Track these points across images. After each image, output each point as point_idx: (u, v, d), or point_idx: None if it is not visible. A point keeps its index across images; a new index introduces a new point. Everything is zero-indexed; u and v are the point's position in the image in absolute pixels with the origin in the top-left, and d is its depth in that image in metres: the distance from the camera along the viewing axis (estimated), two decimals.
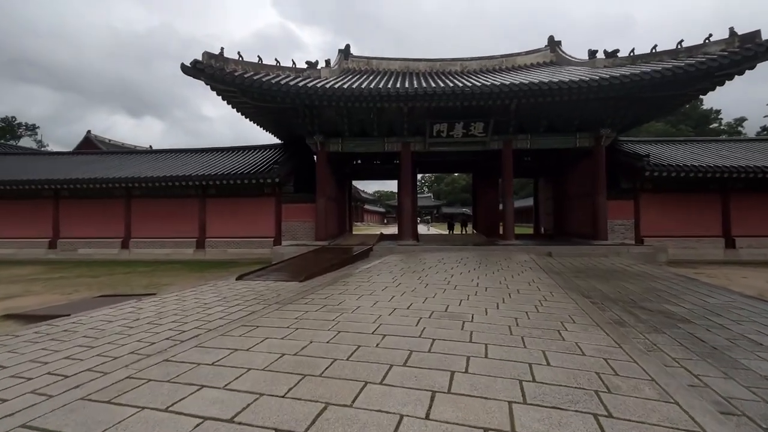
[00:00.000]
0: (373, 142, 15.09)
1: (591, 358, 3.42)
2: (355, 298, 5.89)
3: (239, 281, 8.67)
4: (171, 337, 4.54)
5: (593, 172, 14.57)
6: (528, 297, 5.97)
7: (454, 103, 12.79)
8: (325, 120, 14.62)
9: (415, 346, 3.68)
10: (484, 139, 14.26)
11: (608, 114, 13.60)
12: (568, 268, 10.06)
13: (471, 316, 4.78)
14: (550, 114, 13.88)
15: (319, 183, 14.92)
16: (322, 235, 14.86)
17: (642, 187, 15.10)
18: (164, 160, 19.28)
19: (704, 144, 18.48)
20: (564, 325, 4.44)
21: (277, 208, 16.09)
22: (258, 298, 6.69)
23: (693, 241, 14.93)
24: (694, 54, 12.19)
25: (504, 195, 14.76)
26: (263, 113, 14.96)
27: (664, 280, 8.40)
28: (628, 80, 11.48)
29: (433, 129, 14.04)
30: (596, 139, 14.23)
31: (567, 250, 12.84)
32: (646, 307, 5.93)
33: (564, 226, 17.66)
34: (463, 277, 7.81)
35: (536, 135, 14.50)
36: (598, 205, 14.18)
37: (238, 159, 18.14)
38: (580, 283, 7.86)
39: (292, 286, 7.85)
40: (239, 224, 16.36)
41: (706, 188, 15.02)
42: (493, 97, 12.28)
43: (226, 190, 16.34)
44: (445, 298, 5.89)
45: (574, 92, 11.95)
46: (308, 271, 9.24)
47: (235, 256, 15.98)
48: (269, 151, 18.99)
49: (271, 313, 5.05)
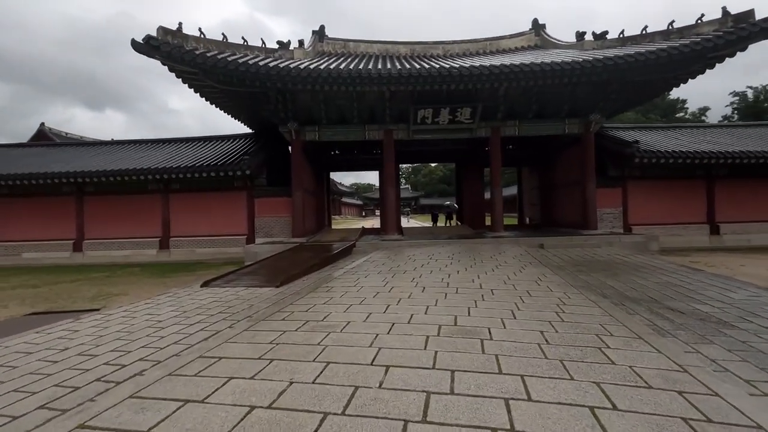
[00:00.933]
0: (353, 130, 14.00)
1: (662, 392, 2.62)
2: (343, 310, 4.93)
3: (205, 288, 7.52)
4: (102, 378, 3.45)
5: (582, 159, 14.07)
6: (543, 301, 5.18)
7: (440, 87, 11.88)
8: (300, 106, 13.40)
9: (432, 384, 2.77)
10: (471, 125, 13.46)
11: (598, 98, 13.05)
12: (566, 261, 9.45)
13: (488, 331, 3.92)
14: (539, 99, 13.21)
15: (295, 174, 13.74)
16: (299, 232, 13.74)
17: (630, 175, 14.77)
18: (122, 152, 17.48)
19: (684, 130, 18.45)
20: (602, 340, 3.65)
21: (250, 202, 14.80)
22: (225, 311, 5.61)
23: (680, 228, 14.77)
24: (686, 35, 11.75)
25: (492, 185, 14.06)
26: (231, 99, 13.58)
27: (670, 272, 7.87)
28: (622, 61, 10.90)
29: (418, 115, 13.10)
30: (585, 125, 13.70)
31: (559, 241, 12.29)
32: (672, 307, 5.27)
33: (551, 215, 17.23)
34: (461, 276, 6.98)
35: (525, 121, 13.82)
36: (588, 193, 13.72)
37: (205, 150, 16.64)
38: (587, 279, 7.19)
39: (267, 293, 6.80)
40: (207, 221, 14.98)
41: (691, 175, 14.85)
42: (482, 80, 11.44)
43: (191, 184, 14.88)
44: (449, 305, 5.02)
45: (567, 74, 11.27)
46: (285, 274, 8.18)
47: (203, 256, 14.62)
48: (239, 141, 17.55)
49: (240, 336, 4.02)
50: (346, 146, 18.49)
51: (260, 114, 14.53)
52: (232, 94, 12.91)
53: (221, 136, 18.14)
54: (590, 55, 11.61)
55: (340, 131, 14.01)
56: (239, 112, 15.69)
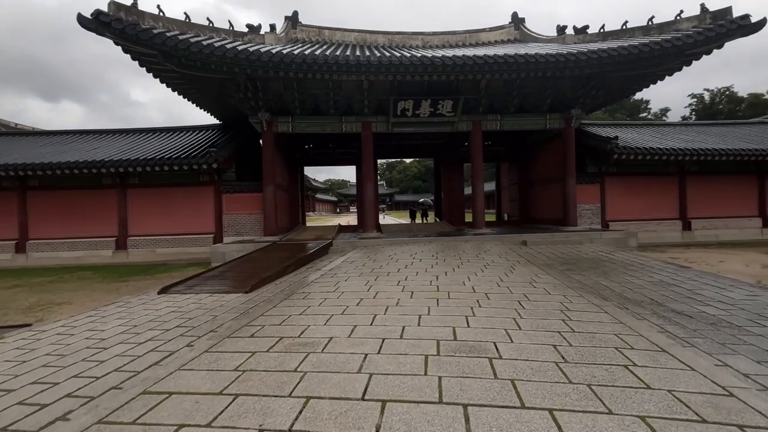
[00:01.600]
0: (329, 122, 13.22)
1: (721, 429, 2.16)
2: (323, 322, 4.28)
3: (163, 295, 6.63)
4: (9, 428, 2.65)
5: (562, 155, 13.94)
6: (544, 306, 4.73)
7: (421, 77, 11.33)
8: (272, 95, 12.49)
9: (444, 428, 2.19)
10: (452, 119, 13.00)
11: (580, 93, 12.90)
12: (552, 258, 9.16)
13: (494, 347, 3.39)
14: (521, 93, 12.91)
15: (266, 168, 12.82)
16: (272, 230, 12.86)
17: (607, 171, 14.82)
18: (74, 143, 15.90)
19: (656, 128, 18.84)
20: (625, 355, 3.19)
21: (217, 198, 13.75)
22: (184, 325, 4.81)
23: (654, 224, 14.98)
24: (665, 30, 11.74)
25: (474, 180, 13.69)
26: (195, 86, 12.50)
27: (658, 270, 7.69)
28: (606, 55, 10.71)
29: (398, 107, 12.49)
30: (567, 120, 13.55)
31: (541, 238, 12.07)
32: (677, 310, 4.95)
33: (530, 212, 17.13)
34: (450, 278, 6.46)
35: (507, 115, 13.51)
36: (568, 189, 13.60)
37: (169, 142, 15.38)
38: (580, 279, 6.86)
39: (235, 301, 6.02)
40: (170, 219, 13.80)
41: (665, 171, 15.08)
42: (466, 71, 10.98)
43: (152, 179, 13.66)
44: (443, 313, 4.46)
45: (551, 66, 11.00)
46: (256, 277, 7.40)
47: (166, 257, 13.46)
48: (207, 132, 16.37)
49: (199, 360, 3.30)
50: (321, 139, 17.69)
51: (229, 103, 13.45)
52: (197, 80, 11.85)
53: (187, 127, 16.88)
54: (573, 49, 11.39)
55: (315, 123, 13.20)
56: (205, 102, 14.59)
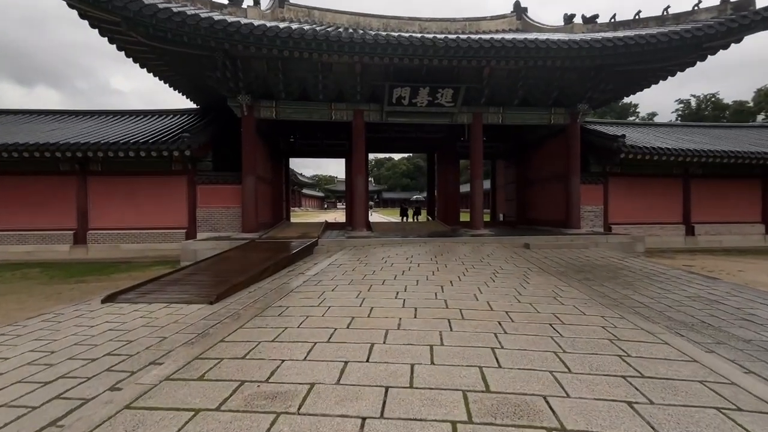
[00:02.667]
0: (317, 109, 12.04)
1: None
2: (302, 355, 3.18)
3: (107, 305, 5.41)
4: None
5: (565, 153, 13.12)
6: (586, 333, 3.73)
7: (420, 61, 10.27)
8: (254, 76, 11.24)
9: None
10: (452, 109, 11.98)
11: (588, 87, 12.04)
12: (562, 264, 8.25)
13: (546, 405, 2.35)
14: (526, 84, 11.97)
15: (247, 157, 11.57)
16: (251, 225, 11.63)
17: (611, 171, 14.06)
18: (29, 124, 14.29)
19: (657, 128, 18.26)
20: (738, 423, 2.21)
21: (191, 190, 12.42)
22: (116, 353, 3.64)
23: (657, 228, 14.32)
24: (682, 21, 10.96)
25: (472, 177, 12.72)
26: (168, 63, 11.14)
27: (688, 282, 6.84)
28: (622, 44, 9.85)
29: (393, 94, 11.40)
30: (572, 116, 12.71)
31: (544, 241, 11.19)
32: (744, 337, 4.03)
33: (528, 212, 16.29)
34: (457, 290, 5.43)
35: (509, 108, 12.57)
36: (572, 189, 12.78)
37: (138, 125, 13.93)
38: (605, 291, 5.93)
39: (194, 315, 4.85)
40: (138, 211, 12.41)
41: (670, 173, 14.42)
42: (470, 55, 9.97)
43: (117, 166, 12.24)
44: (461, 344, 3.41)
45: (562, 54, 10.12)
46: (226, 283, 6.23)
47: (130, 253, 12.08)
48: (182, 117, 14.97)
49: (115, 422, 2.17)
50: (308, 129, 16.41)
51: (207, 85, 12.11)
52: (170, 57, 10.53)
53: (160, 111, 15.41)
54: (587, 37, 10.50)
55: (301, 109, 11.99)
56: (182, 83, 13.22)
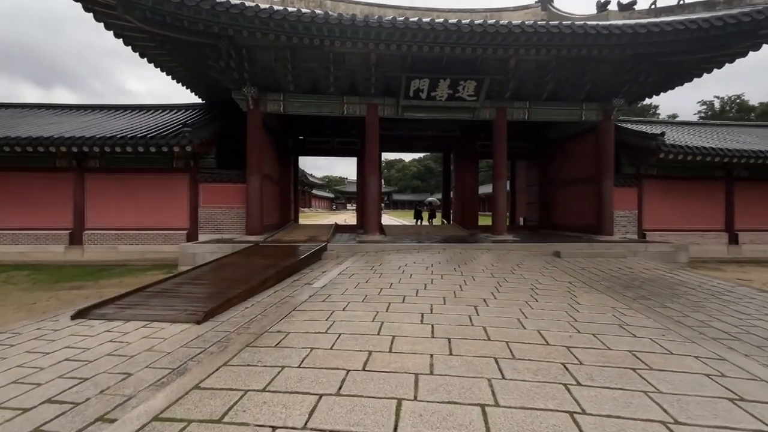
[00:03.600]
0: (328, 102, 11.16)
1: None
2: (303, 413, 2.25)
3: (76, 323, 4.57)
4: None
5: (596, 152, 12.03)
6: (689, 383, 2.72)
7: (441, 50, 9.32)
8: (261, 67, 10.42)
9: None
10: (474, 104, 11.00)
11: (624, 80, 10.94)
12: (606, 278, 7.20)
13: None
14: (555, 77, 10.90)
15: (252, 154, 10.76)
16: (255, 227, 10.79)
17: (645, 173, 12.91)
18: (27, 118, 13.71)
19: (690, 127, 16.99)
20: None
21: (193, 188, 11.66)
22: (59, 401, 2.75)
23: (697, 235, 13.10)
24: (735, 5, 9.82)
25: (495, 178, 11.70)
26: (171, 52, 10.35)
27: (765, 302, 5.76)
28: (670, 29, 8.76)
29: (410, 87, 10.47)
30: (606, 112, 11.61)
31: (577, 249, 10.13)
32: None
33: (551, 217, 15.17)
34: (495, 313, 4.45)
35: (536, 103, 11.53)
36: (604, 192, 11.67)
37: (140, 120, 13.26)
38: (672, 314, 4.89)
39: (176, 339, 3.97)
40: (137, 211, 11.68)
41: (710, 176, 13.19)
42: (497, 42, 8.98)
43: (116, 163, 11.53)
44: (521, 402, 2.45)
45: (602, 41, 9.04)
46: (219, 296, 5.35)
47: (129, 255, 11.34)
48: (187, 111, 14.25)
49: None
50: (317, 125, 15.52)
51: (210, 76, 11.35)
52: (170, 44, 9.77)
53: (163, 105, 14.73)
54: (630, 22, 9.44)
55: (311, 102, 11.13)
56: (185, 75, 12.42)
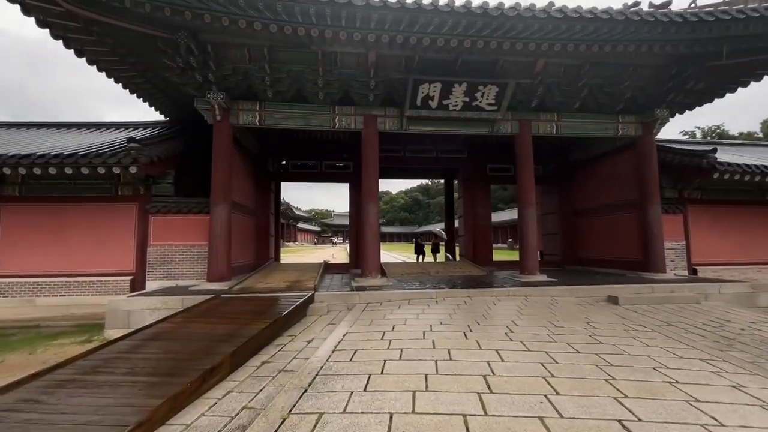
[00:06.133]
0: (316, 113, 9.06)
1: None
2: None
3: None
4: None
5: (636, 173, 10.20)
6: None
7: (459, 43, 7.45)
8: (231, 67, 8.31)
9: None
10: (493, 114, 9.07)
11: (669, 86, 9.24)
12: (711, 337, 4.93)
13: None
14: (589, 83, 9.14)
15: (218, 177, 8.42)
16: (220, 271, 8.26)
17: (690, 197, 11.07)
18: None
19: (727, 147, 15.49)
20: None
21: (141, 221, 9.17)
22: None
23: (753, 270, 11.13)
24: None
25: (520, 204, 9.57)
26: (111, 46, 8.15)
27: None
28: (743, 16, 7.12)
29: (418, 93, 8.50)
30: (645, 126, 9.86)
31: (634, 292, 7.93)
32: None
33: (579, 250, 13.03)
34: None
35: (566, 115, 9.71)
36: (650, 221, 9.68)
37: (84, 139, 10.84)
38: None
39: None
40: (66, 251, 9.06)
41: (763, 199, 11.43)
42: (534, 32, 7.16)
43: (42, 190, 9.04)
44: None
45: (659, 29, 7.33)
46: (113, 418, 2.84)
47: (49, 311, 8.59)
48: (145, 129, 11.93)
49: None
50: (302, 144, 13.08)
51: (170, 82, 9.19)
52: (111, 36, 7.62)
53: (118, 123, 12.41)
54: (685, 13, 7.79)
55: (295, 113, 9.00)
56: (138, 81, 10.08)
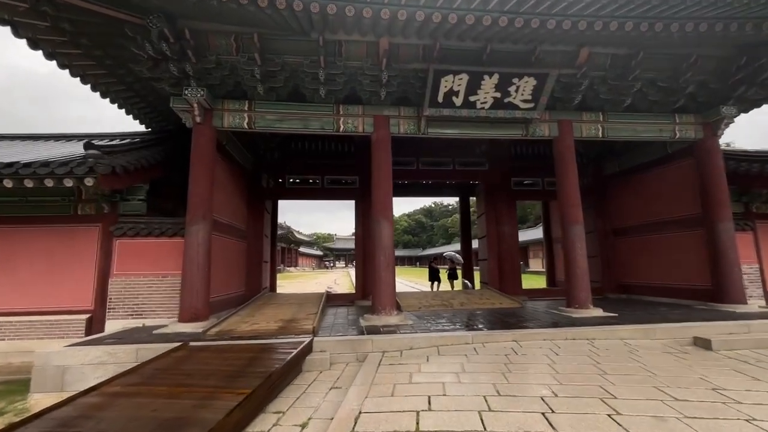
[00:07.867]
0: (316, 113, 7.58)
1: None
2: None
3: None
4: None
5: (691, 184, 8.62)
6: None
7: (488, 29, 6.01)
8: (215, 59, 6.87)
9: None
10: (529, 113, 7.56)
11: (738, 79, 7.72)
12: None
13: None
14: (641, 77, 7.66)
15: (197, 190, 6.84)
16: (195, 308, 6.53)
17: (758, 212, 9.44)
18: None
19: None
20: None
21: (104, 246, 7.52)
22: None
23: None
24: None
25: (565, 221, 7.90)
26: (70, 34, 6.74)
27: None
28: None
29: (440, 87, 7.03)
30: (706, 127, 8.35)
31: (726, 332, 6.16)
32: None
33: (622, 276, 11.22)
34: None
35: (613, 115, 8.22)
36: (722, 239, 8.00)
37: (44, 150, 9.34)
38: None
39: None
40: (10, 283, 7.38)
41: None
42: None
43: None
44: None
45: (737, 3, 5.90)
46: None
47: None
48: (122, 140, 10.45)
49: None
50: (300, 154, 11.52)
51: (140, 77, 7.74)
52: (68, 20, 6.23)
53: (90, 135, 10.94)
54: None
55: (291, 114, 7.51)
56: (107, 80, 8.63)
